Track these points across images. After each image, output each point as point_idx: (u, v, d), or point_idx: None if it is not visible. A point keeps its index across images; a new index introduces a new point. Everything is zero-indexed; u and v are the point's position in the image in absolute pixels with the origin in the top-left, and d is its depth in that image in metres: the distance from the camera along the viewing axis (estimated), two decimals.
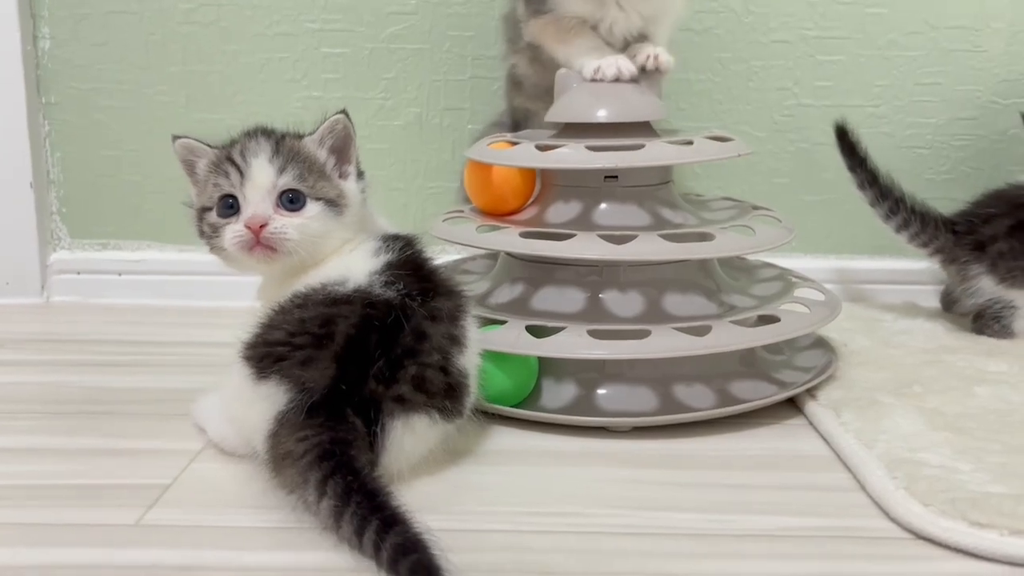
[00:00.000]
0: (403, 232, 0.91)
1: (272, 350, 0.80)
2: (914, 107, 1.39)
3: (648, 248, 0.95)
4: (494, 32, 1.31)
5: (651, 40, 1.08)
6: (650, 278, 0.99)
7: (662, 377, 0.96)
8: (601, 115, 1.02)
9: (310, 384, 0.77)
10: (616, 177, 1.01)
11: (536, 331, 0.94)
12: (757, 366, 1.02)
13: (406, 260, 0.87)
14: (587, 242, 0.95)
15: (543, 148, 0.99)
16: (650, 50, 1.05)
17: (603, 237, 0.95)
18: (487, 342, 0.91)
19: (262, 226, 0.83)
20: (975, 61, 1.38)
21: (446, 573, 0.64)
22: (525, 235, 0.98)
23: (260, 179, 0.85)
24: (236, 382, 0.82)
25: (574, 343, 0.93)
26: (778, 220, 1.06)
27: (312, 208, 0.86)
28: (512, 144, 1.03)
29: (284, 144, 0.87)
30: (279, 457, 0.76)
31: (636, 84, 1.05)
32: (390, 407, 0.79)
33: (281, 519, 0.76)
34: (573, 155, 0.98)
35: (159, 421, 0.97)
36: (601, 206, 1.02)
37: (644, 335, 0.93)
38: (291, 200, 0.85)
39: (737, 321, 0.96)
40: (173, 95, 1.39)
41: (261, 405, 0.79)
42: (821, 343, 1.12)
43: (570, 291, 1.00)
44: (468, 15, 1.37)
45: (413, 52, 1.38)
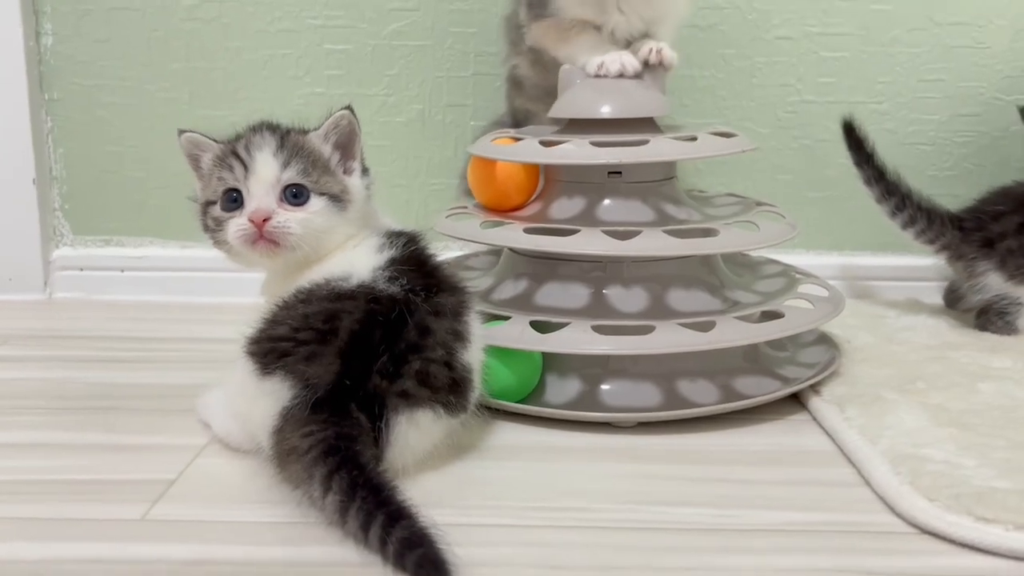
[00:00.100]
0: (407, 229, 0.91)
1: (276, 345, 0.80)
2: (917, 103, 1.39)
3: (652, 244, 0.95)
4: (496, 28, 1.31)
5: (654, 38, 1.08)
6: (654, 274, 0.99)
7: (666, 373, 0.96)
8: (605, 111, 1.02)
9: (314, 380, 0.77)
10: (620, 173, 1.01)
11: (540, 327, 0.94)
12: (761, 362, 1.02)
13: (410, 256, 0.87)
14: (591, 238, 0.95)
15: (547, 144, 0.99)
16: (653, 44, 1.05)
17: (607, 233, 0.95)
18: (491, 338, 0.91)
19: (265, 220, 0.83)
20: (978, 57, 1.38)
21: (452, 567, 0.65)
22: (529, 231, 0.98)
23: (264, 173, 0.85)
24: (240, 378, 0.82)
25: (578, 339, 0.93)
26: (782, 216, 1.06)
27: (316, 203, 0.86)
28: (516, 140, 1.03)
29: (289, 139, 0.87)
30: (284, 453, 0.76)
31: (639, 80, 1.05)
32: (394, 402, 0.79)
33: (286, 514, 0.76)
34: (577, 151, 0.98)
35: (163, 417, 0.97)
36: (605, 202, 1.02)
37: (648, 331, 0.93)
38: (295, 195, 0.85)
39: (741, 317, 0.96)
40: (176, 91, 1.39)
41: (265, 401, 0.79)
42: (825, 339, 1.12)
43: (574, 287, 1.00)
44: (470, 11, 1.37)
45: (415, 48, 1.38)
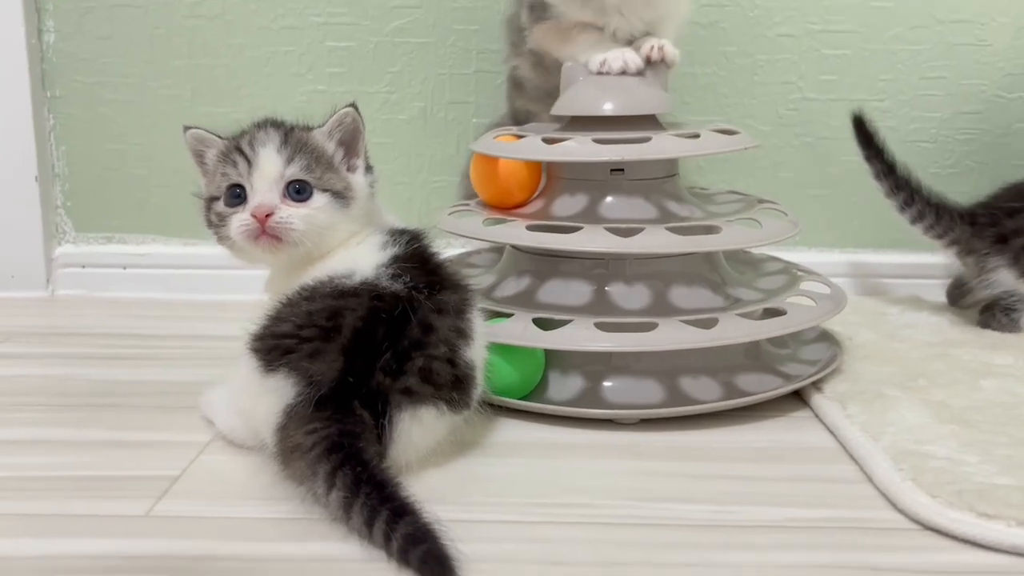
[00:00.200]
0: (410, 227, 0.91)
1: (280, 342, 0.80)
2: (919, 101, 1.39)
3: (654, 241, 0.95)
4: (499, 26, 1.31)
5: (656, 36, 1.08)
6: (656, 271, 0.99)
7: (668, 370, 0.96)
8: (607, 108, 1.03)
9: (318, 377, 0.77)
10: (622, 170, 1.01)
11: (543, 324, 0.95)
12: (763, 359, 1.02)
13: (413, 253, 0.87)
14: (593, 235, 0.95)
15: (549, 141, 0.99)
16: (655, 41, 1.05)
17: (609, 230, 0.95)
18: (494, 335, 0.91)
19: (268, 215, 0.83)
20: (980, 55, 1.38)
21: (456, 563, 0.65)
22: (531, 228, 0.98)
23: (268, 169, 0.85)
24: (244, 374, 0.82)
25: (581, 336, 0.93)
26: (784, 213, 1.06)
27: (318, 199, 0.86)
28: (518, 137, 1.03)
29: (293, 135, 0.87)
30: (288, 450, 0.77)
31: (642, 77, 1.05)
32: (397, 399, 0.79)
33: (290, 510, 0.76)
34: (579, 148, 0.98)
35: (166, 413, 0.97)
36: (607, 199, 1.02)
37: (650, 328, 0.93)
38: (298, 191, 0.85)
39: (743, 314, 0.96)
40: (178, 89, 1.40)
41: (269, 398, 0.79)
42: (826, 336, 1.12)
43: (576, 284, 1.00)
44: (473, 9, 1.37)
45: (418, 46, 1.38)
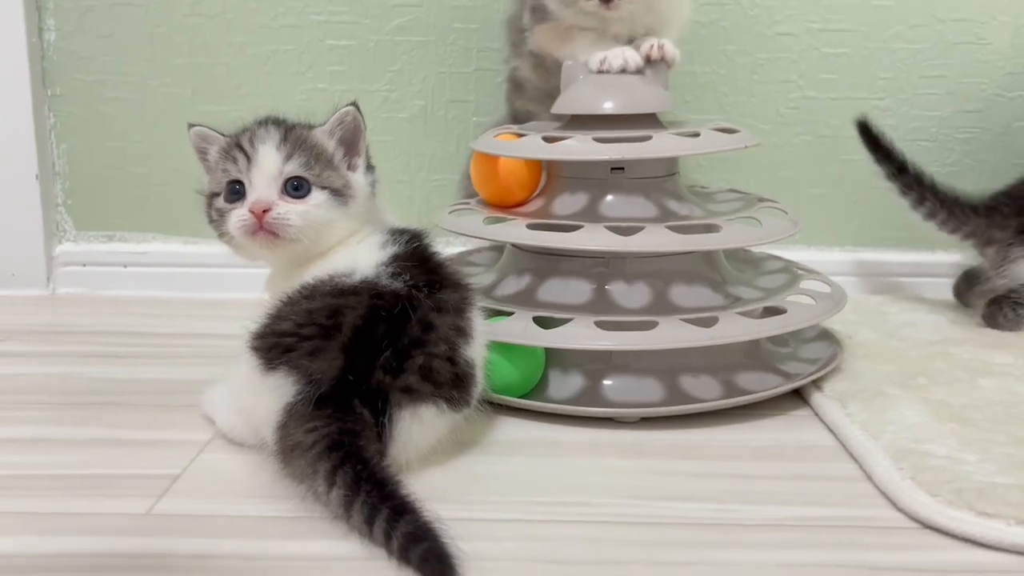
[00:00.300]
0: (411, 227, 0.91)
1: (280, 341, 0.80)
2: (919, 100, 1.39)
3: (654, 240, 0.95)
4: (499, 25, 1.31)
5: (657, 36, 1.08)
6: (656, 269, 1.00)
7: (668, 368, 0.96)
8: (607, 107, 1.03)
9: (318, 375, 0.77)
10: (623, 169, 1.01)
11: (543, 322, 0.95)
12: (763, 357, 1.02)
13: (413, 252, 0.87)
14: (594, 234, 0.95)
15: (549, 140, 0.99)
16: (655, 40, 1.05)
17: (610, 229, 0.95)
18: (494, 333, 0.91)
19: (265, 211, 0.84)
20: (980, 54, 1.38)
21: (456, 561, 0.65)
22: (532, 227, 0.98)
23: (266, 165, 0.85)
24: (244, 373, 0.82)
25: (581, 334, 0.93)
26: (784, 212, 1.06)
27: (317, 196, 0.86)
28: (518, 136, 1.03)
29: (293, 133, 0.88)
30: (288, 448, 0.77)
31: (642, 75, 1.05)
32: (398, 397, 0.79)
33: (291, 509, 0.76)
34: (579, 146, 0.98)
35: (167, 412, 0.97)
36: (607, 198, 1.02)
37: (650, 326, 0.93)
38: (296, 187, 0.86)
39: (743, 313, 0.96)
40: (179, 87, 1.40)
41: (269, 396, 0.79)
42: (826, 335, 1.12)
43: (577, 282, 1.00)
44: (473, 7, 1.37)
45: (418, 44, 1.38)
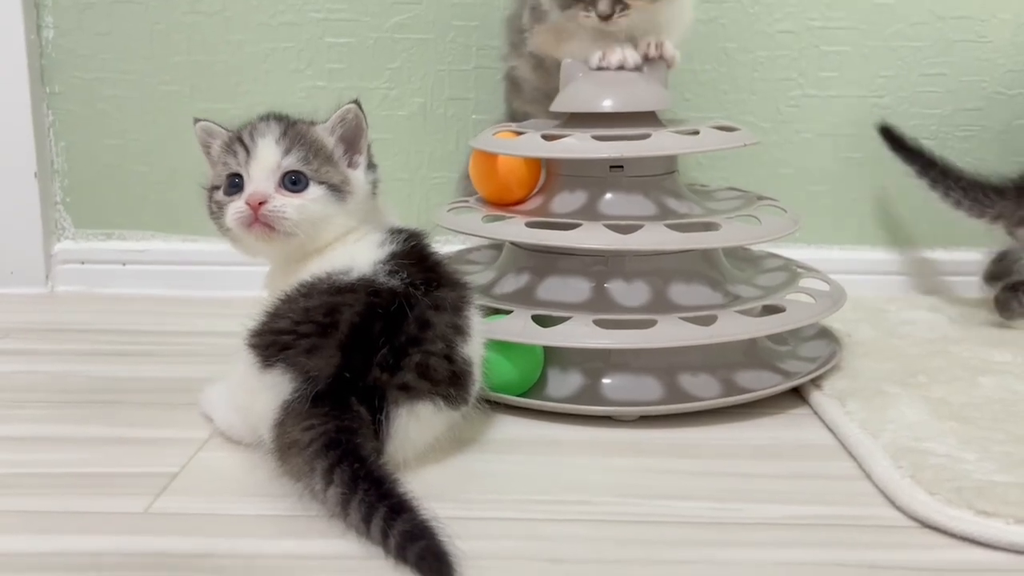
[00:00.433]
0: (411, 227, 0.91)
1: (277, 338, 0.80)
2: (919, 98, 1.39)
3: (654, 238, 0.95)
4: (498, 22, 1.31)
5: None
6: (656, 268, 0.99)
7: (667, 367, 0.96)
8: (607, 105, 1.02)
9: (315, 372, 0.77)
10: (622, 167, 1.01)
11: (542, 321, 0.95)
12: (762, 356, 1.02)
13: (411, 250, 0.88)
14: (593, 232, 0.95)
15: (548, 138, 0.99)
16: (654, 38, 1.05)
17: (609, 227, 0.95)
18: (493, 332, 0.91)
19: (261, 203, 0.84)
20: (981, 52, 1.37)
21: (454, 559, 0.65)
22: (531, 225, 0.98)
23: (265, 158, 0.86)
24: (242, 371, 0.82)
25: (579, 333, 0.93)
26: (784, 210, 1.06)
27: (314, 191, 0.86)
28: (517, 134, 1.03)
29: (294, 128, 0.88)
30: (285, 446, 0.77)
31: (641, 73, 1.05)
32: (395, 395, 0.79)
33: (288, 507, 0.76)
34: (579, 144, 0.97)
35: (166, 410, 0.97)
36: (607, 196, 1.02)
37: (649, 325, 0.93)
38: (293, 181, 0.86)
39: (742, 311, 0.96)
40: (177, 85, 1.39)
41: (266, 394, 0.79)
42: (826, 333, 1.12)
43: (576, 281, 1.00)
44: (473, 5, 1.37)
45: (418, 42, 1.38)
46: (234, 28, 1.38)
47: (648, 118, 1.04)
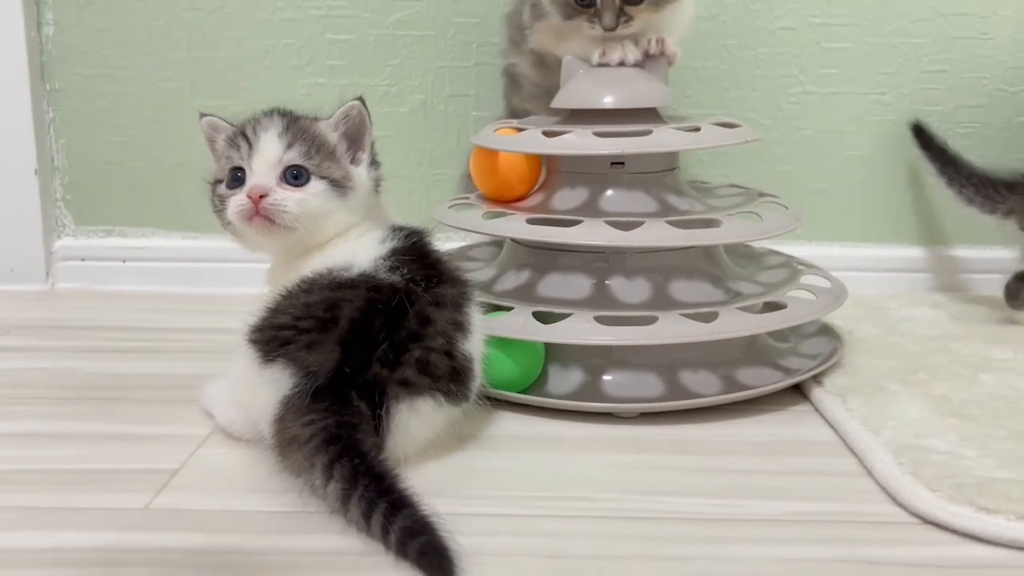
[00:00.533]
0: (412, 225, 0.91)
1: (278, 334, 0.80)
2: (920, 95, 1.39)
3: (654, 235, 0.94)
4: (499, 19, 1.31)
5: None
6: (656, 265, 0.99)
7: (668, 363, 0.96)
8: (607, 101, 1.02)
9: (315, 367, 0.77)
10: (623, 163, 1.01)
11: (543, 317, 0.94)
12: (763, 353, 1.02)
13: (411, 247, 0.88)
14: (594, 228, 0.95)
15: (549, 134, 0.99)
16: (654, 35, 1.05)
17: (609, 223, 0.95)
18: (494, 328, 0.91)
19: (262, 196, 0.84)
20: (982, 49, 1.37)
21: (454, 555, 0.65)
22: (532, 221, 0.98)
23: (267, 152, 0.86)
24: (242, 366, 0.82)
25: (580, 329, 0.93)
26: (785, 207, 1.06)
27: (315, 185, 0.86)
28: (518, 130, 1.03)
29: (297, 123, 0.88)
30: (286, 441, 0.77)
31: (642, 70, 1.05)
32: (395, 390, 0.79)
33: (289, 503, 0.76)
34: (580, 141, 0.97)
35: (166, 407, 0.97)
36: (608, 192, 1.01)
37: (650, 321, 0.93)
38: (295, 176, 0.86)
39: (743, 308, 0.96)
40: (178, 81, 1.39)
41: (267, 389, 0.79)
42: (827, 330, 1.12)
43: (576, 277, 1.00)
44: (473, 1, 1.36)
45: (418, 39, 1.38)
46: (234, 24, 1.38)
47: (649, 114, 1.04)
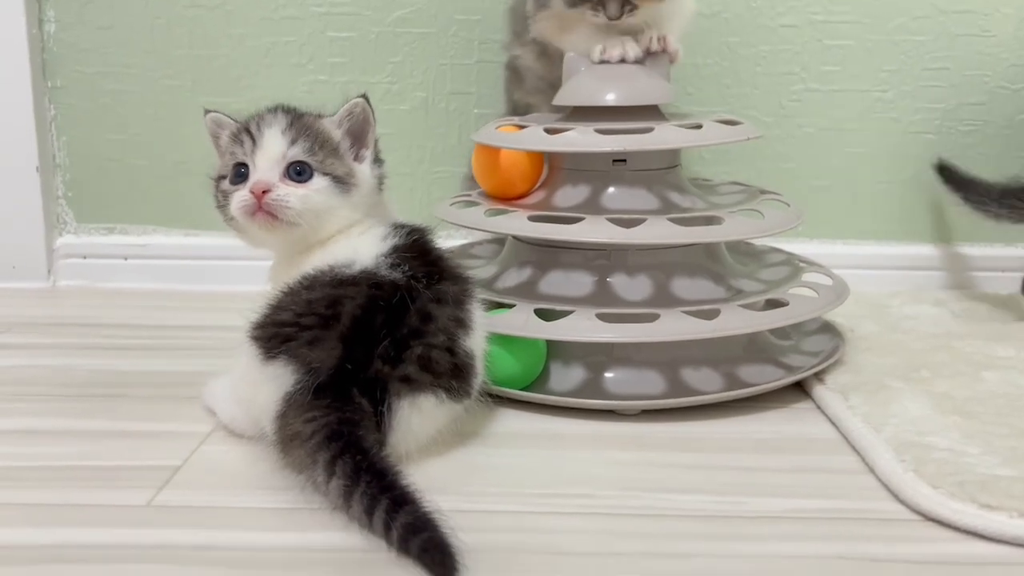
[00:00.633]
0: (415, 223, 0.91)
1: (280, 331, 0.80)
2: (922, 92, 1.39)
3: (656, 232, 0.94)
4: (501, 16, 1.31)
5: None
6: (658, 262, 0.99)
7: (670, 361, 0.96)
8: (609, 98, 1.02)
9: (316, 364, 0.77)
10: (624, 161, 1.01)
11: (544, 315, 0.94)
12: (765, 350, 1.02)
13: (413, 244, 0.88)
14: (595, 226, 0.95)
15: (551, 131, 0.99)
16: (656, 32, 1.05)
17: (611, 221, 0.95)
18: (496, 326, 0.91)
19: (265, 192, 0.84)
20: (984, 46, 1.37)
21: (457, 551, 0.65)
22: (533, 219, 0.98)
23: (270, 148, 0.86)
24: (244, 363, 0.82)
25: (582, 326, 0.93)
26: (786, 204, 1.06)
27: (318, 182, 0.86)
28: (520, 128, 1.03)
29: (300, 120, 0.89)
30: (287, 438, 0.77)
31: (644, 67, 1.05)
32: (396, 387, 0.79)
33: (291, 500, 0.76)
34: (581, 138, 0.97)
35: (168, 404, 0.97)
36: (609, 190, 1.01)
37: (652, 319, 0.93)
38: (298, 172, 0.86)
39: (745, 305, 0.96)
40: (179, 79, 1.39)
41: (269, 386, 0.79)
42: (828, 328, 1.12)
43: (578, 275, 1.00)
44: None
45: (419, 36, 1.38)
46: (236, 22, 1.38)
47: (651, 112, 1.04)
